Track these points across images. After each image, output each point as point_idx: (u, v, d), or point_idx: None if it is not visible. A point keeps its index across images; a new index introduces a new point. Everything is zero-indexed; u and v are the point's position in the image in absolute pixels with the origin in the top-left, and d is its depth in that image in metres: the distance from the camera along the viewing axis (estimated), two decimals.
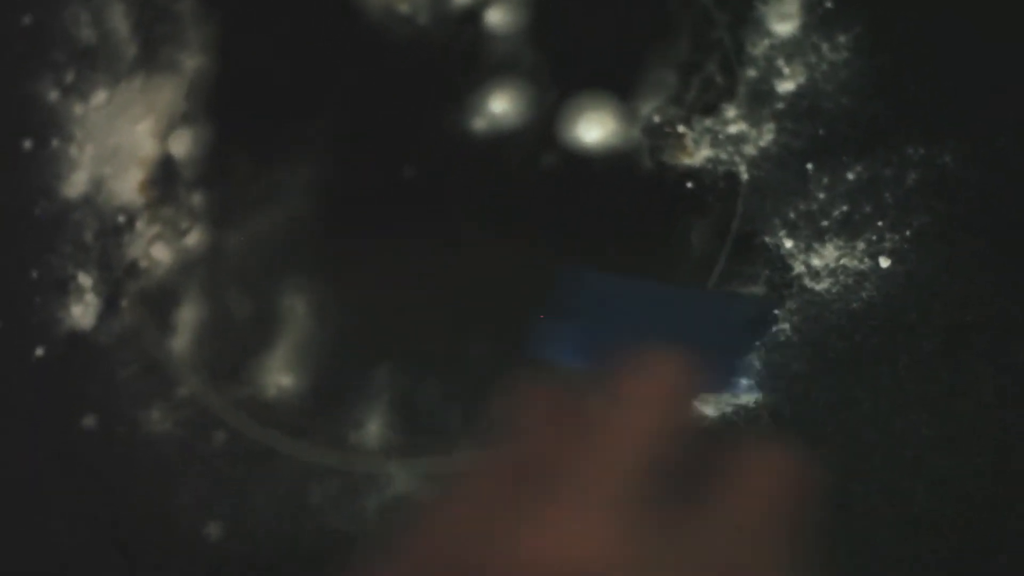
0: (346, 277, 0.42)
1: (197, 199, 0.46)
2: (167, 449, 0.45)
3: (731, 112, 0.45)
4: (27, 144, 0.47)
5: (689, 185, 0.44)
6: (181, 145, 0.47)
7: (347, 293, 0.42)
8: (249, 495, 0.44)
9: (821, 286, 0.44)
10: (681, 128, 0.44)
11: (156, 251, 0.46)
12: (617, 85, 0.44)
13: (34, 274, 0.46)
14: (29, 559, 0.45)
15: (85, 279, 0.45)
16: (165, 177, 0.47)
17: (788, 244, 0.44)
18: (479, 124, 0.44)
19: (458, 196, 0.44)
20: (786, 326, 0.43)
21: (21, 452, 0.45)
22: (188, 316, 0.45)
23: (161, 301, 0.46)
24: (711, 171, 0.44)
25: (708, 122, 0.45)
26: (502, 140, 0.44)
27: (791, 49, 0.45)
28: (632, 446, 0.27)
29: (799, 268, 0.44)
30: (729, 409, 0.43)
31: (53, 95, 0.47)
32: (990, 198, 0.44)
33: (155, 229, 0.46)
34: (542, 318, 0.34)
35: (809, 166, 0.44)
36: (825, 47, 0.45)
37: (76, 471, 0.44)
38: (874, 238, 0.44)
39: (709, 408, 0.43)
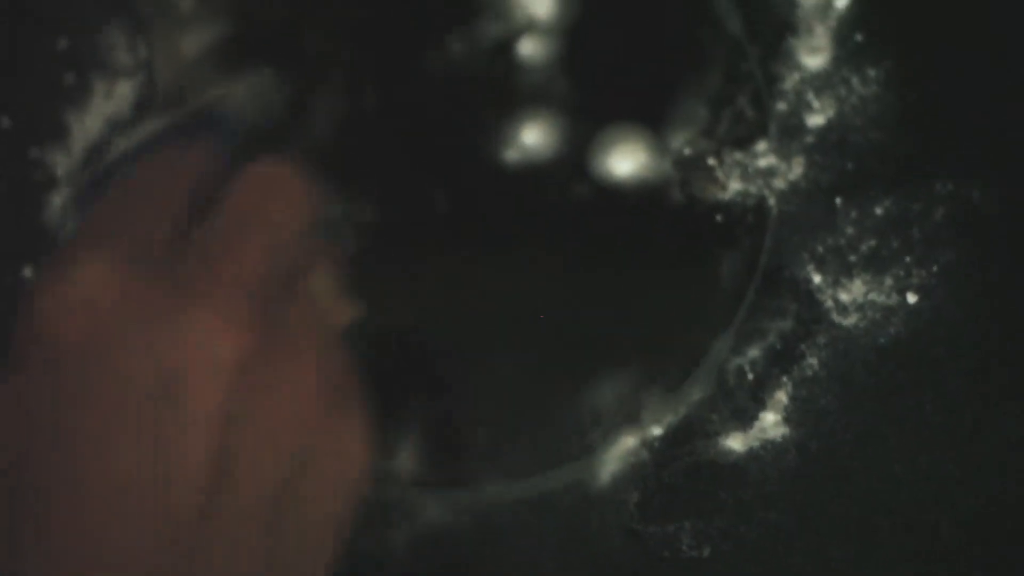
0: (376, 307, 0.43)
1: None
2: None
3: (761, 146, 0.45)
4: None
5: (719, 218, 0.44)
6: None
7: (378, 323, 0.42)
8: None
9: (849, 321, 0.44)
10: (712, 161, 0.45)
11: None
12: (649, 118, 0.45)
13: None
14: None
15: None
16: None
17: (816, 279, 0.44)
18: (511, 155, 0.44)
19: (490, 226, 0.44)
20: (814, 361, 0.44)
21: None
22: None
23: None
24: (740, 204, 0.45)
25: (738, 155, 0.45)
26: (534, 171, 0.44)
27: (821, 83, 0.45)
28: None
29: (827, 303, 0.44)
30: (756, 444, 0.43)
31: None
32: (1018, 234, 0.44)
33: None
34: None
35: (838, 200, 0.45)
36: (855, 80, 0.45)
37: None
38: (902, 273, 0.44)
39: (736, 443, 0.43)
